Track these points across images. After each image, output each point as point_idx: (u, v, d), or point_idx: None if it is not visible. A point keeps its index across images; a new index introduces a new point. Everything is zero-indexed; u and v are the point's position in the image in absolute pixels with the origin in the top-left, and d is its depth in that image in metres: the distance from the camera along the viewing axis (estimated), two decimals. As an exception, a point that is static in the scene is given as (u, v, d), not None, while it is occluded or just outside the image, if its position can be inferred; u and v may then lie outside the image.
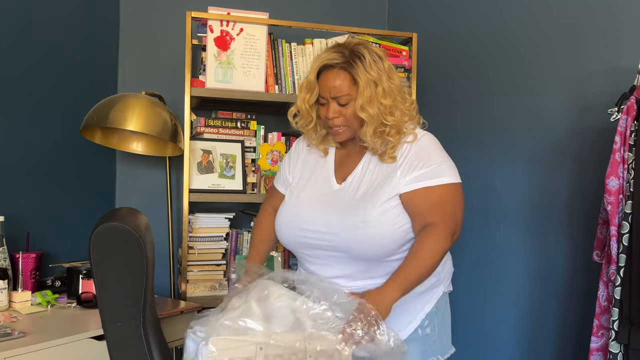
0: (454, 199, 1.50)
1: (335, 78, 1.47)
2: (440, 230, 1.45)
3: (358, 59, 1.46)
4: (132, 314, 1.31)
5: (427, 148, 1.52)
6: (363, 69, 1.45)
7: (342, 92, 1.46)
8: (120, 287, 1.31)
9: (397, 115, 1.48)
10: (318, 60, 1.50)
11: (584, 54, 2.04)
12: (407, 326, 1.55)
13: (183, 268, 2.26)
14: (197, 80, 2.27)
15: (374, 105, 1.45)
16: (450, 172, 1.50)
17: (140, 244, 1.28)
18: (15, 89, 2.19)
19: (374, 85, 1.45)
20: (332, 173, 1.59)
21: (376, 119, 1.46)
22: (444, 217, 1.46)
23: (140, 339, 1.32)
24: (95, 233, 1.26)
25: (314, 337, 1.35)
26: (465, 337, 2.41)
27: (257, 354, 1.31)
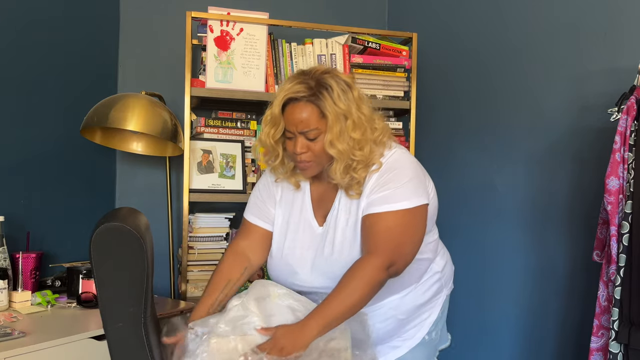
0: (403, 226, 1.37)
1: (301, 111, 1.36)
2: (374, 261, 1.32)
3: (325, 90, 1.35)
4: (133, 315, 1.31)
5: (388, 172, 1.40)
6: (331, 102, 1.34)
7: (309, 126, 1.36)
8: (121, 288, 1.31)
9: (365, 150, 1.38)
10: (282, 92, 1.38)
11: (584, 54, 2.04)
12: (414, 335, 1.55)
13: (183, 268, 2.26)
14: (197, 80, 2.26)
15: (344, 140, 1.35)
16: (410, 194, 1.37)
17: (141, 244, 1.28)
18: (15, 88, 2.19)
19: (344, 119, 1.35)
20: (311, 214, 1.49)
21: (346, 156, 1.36)
22: (383, 247, 1.34)
23: (142, 339, 1.31)
24: (96, 233, 1.25)
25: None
26: (466, 336, 2.41)
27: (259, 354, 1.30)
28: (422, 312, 1.55)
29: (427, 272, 1.55)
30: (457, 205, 2.51)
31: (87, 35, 2.49)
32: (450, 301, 1.69)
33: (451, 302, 1.69)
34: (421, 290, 1.53)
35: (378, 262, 1.32)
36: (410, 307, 1.52)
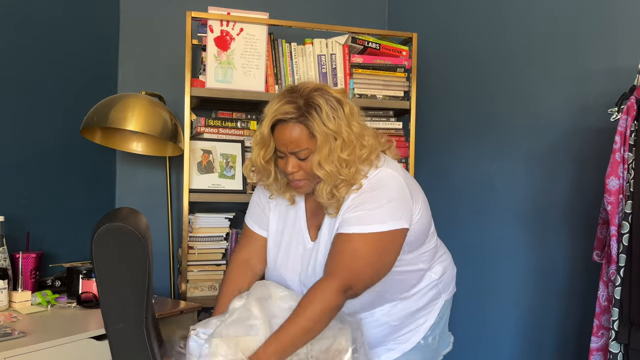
0: (369, 251, 1.33)
1: (291, 132, 1.34)
2: (331, 284, 1.30)
3: (314, 110, 1.32)
4: (135, 315, 1.30)
5: (368, 192, 1.37)
6: (320, 122, 1.32)
7: (299, 146, 1.34)
8: (122, 288, 1.30)
9: (352, 169, 1.35)
10: (271, 113, 1.35)
11: (584, 54, 2.04)
12: (409, 339, 1.54)
13: (183, 268, 2.26)
14: (197, 80, 2.26)
15: (332, 161, 1.33)
16: (386, 217, 1.34)
17: (143, 244, 1.28)
18: (15, 88, 2.19)
19: (333, 139, 1.33)
20: (305, 227, 1.49)
21: (333, 177, 1.34)
22: (343, 270, 1.32)
23: (143, 340, 1.31)
24: (97, 233, 1.25)
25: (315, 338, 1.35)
26: (466, 336, 2.41)
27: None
28: (418, 318, 1.54)
29: (422, 281, 1.53)
30: (457, 205, 2.51)
31: (87, 35, 2.49)
32: (450, 301, 1.69)
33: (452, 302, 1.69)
34: (414, 299, 1.52)
35: (334, 286, 1.29)
36: (403, 314, 1.51)
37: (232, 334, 1.32)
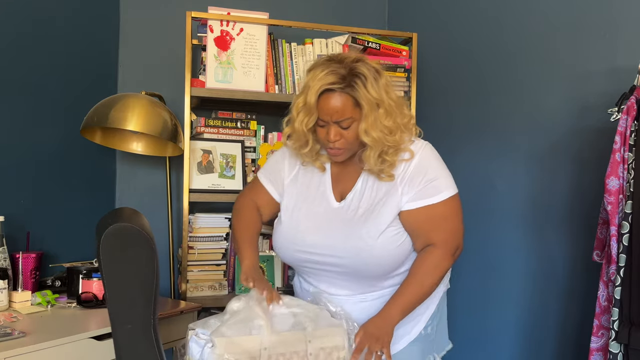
0: (454, 214, 1.49)
1: (336, 102, 1.38)
2: (442, 251, 1.46)
3: (358, 79, 1.37)
4: (143, 316, 1.30)
5: (425, 162, 1.47)
6: (365, 91, 1.37)
7: (344, 115, 1.39)
8: (130, 289, 1.30)
9: (397, 136, 1.43)
10: (316, 82, 1.38)
11: (584, 54, 2.04)
12: (412, 330, 1.56)
13: (183, 268, 2.26)
14: (197, 80, 2.26)
15: (377, 127, 1.39)
16: (449, 184, 1.48)
17: (151, 244, 1.27)
18: (16, 89, 2.19)
19: (376, 107, 1.39)
20: (329, 189, 1.54)
21: (380, 143, 1.41)
22: (445, 236, 1.46)
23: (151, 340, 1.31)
24: (105, 233, 1.24)
25: (314, 336, 1.37)
26: (466, 336, 2.41)
27: (262, 354, 1.32)
28: (420, 307, 1.55)
29: None
30: (457, 205, 2.50)
31: (87, 35, 2.49)
32: (450, 301, 1.69)
33: (451, 302, 1.69)
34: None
35: (444, 253, 1.46)
36: None
37: (236, 333, 1.32)
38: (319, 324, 1.39)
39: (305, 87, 1.43)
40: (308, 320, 1.40)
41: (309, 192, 1.55)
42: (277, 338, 1.36)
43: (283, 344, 1.35)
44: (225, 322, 1.34)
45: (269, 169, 1.65)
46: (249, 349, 1.31)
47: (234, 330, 1.33)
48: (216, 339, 1.30)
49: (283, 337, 1.36)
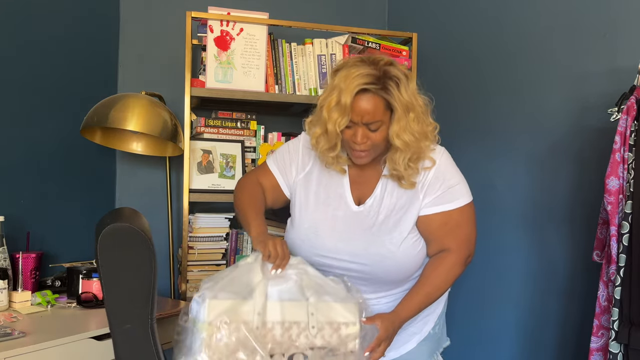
0: (469, 221, 1.50)
1: (369, 103, 1.36)
2: (455, 258, 1.47)
3: (392, 81, 1.37)
4: (141, 316, 1.30)
5: (443, 169, 1.49)
6: (399, 94, 1.36)
7: (375, 118, 1.37)
8: (129, 289, 1.30)
9: (422, 142, 1.43)
10: (352, 81, 1.35)
11: (584, 54, 2.04)
12: (422, 329, 1.58)
13: (183, 268, 2.25)
14: (197, 80, 2.26)
15: (408, 131, 1.38)
16: (465, 191, 1.50)
17: (149, 244, 1.27)
18: (16, 89, 2.19)
19: (408, 111, 1.38)
20: (348, 192, 1.51)
21: (410, 147, 1.40)
22: (459, 243, 1.47)
23: (149, 341, 1.31)
24: (103, 233, 1.24)
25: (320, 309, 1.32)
26: (466, 336, 2.41)
27: (255, 319, 1.28)
28: (431, 306, 1.57)
29: None
30: (457, 205, 2.50)
31: (87, 35, 2.49)
32: (451, 301, 1.70)
33: (451, 302, 1.70)
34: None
35: (458, 259, 1.46)
36: None
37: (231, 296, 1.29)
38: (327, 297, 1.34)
39: (336, 87, 1.38)
40: (314, 291, 1.34)
41: (327, 193, 1.52)
42: (275, 305, 1.31)
43: (280, 311, 1.30)
44: (223, 282, 1.31)
45: (279, 157, 1.61)
46: (241, 313, 1.27)
47: (230, 293, 1.30)
48: (207, 301, 1.27)
49: (282, 305, 1.31)
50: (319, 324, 1.31)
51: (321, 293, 1.34)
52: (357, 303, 1.35)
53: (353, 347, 1.32)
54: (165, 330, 1.85)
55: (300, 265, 1.39)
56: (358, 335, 1.33)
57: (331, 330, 1.31)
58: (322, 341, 1.30)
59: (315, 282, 1.37)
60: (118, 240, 1.25)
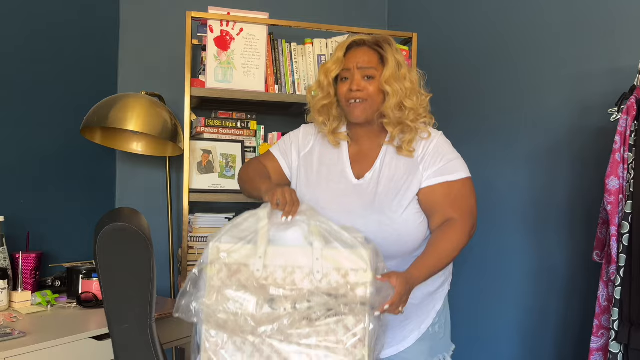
0: (471, 194, 1.54)
1: (364, 53, 1.51)
2: (461, 226, 1.47)
3: (386, 42, 1.53)
4: (139, 316, 1.30)
5: (443, 144, 1.56)
6: (391, 50, 1.51)
7: (370, 64, 1.50)
8: (127, 288, 1.30)
9: (414, 100, 1.51)
10: (346, 41, 1.54)
11: (584, 54, 2.04)
12: (420, 325, 1.58)
13: (183, 268, 2.25)
14: (197, 80, 2.26)
15: (398, 80, 1.49)
16: (464, 167, 1.55)
17: (148, 244, 1.28)
18: (16, 89, 2.19)
19: (399, 67, 1.51)
20: (348, 168, 1.57)
21: (399, 94, 1.49)
22: (463, 213, 1.49)
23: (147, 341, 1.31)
24: (102, 234, 1.24)
25: (325, 254, 1.29)
26: (466, 336, 2.41)
27: (256, 262, 1.27)
28: (429, 303, 1.58)
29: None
30: (457, 205, 2.50)
31: (87, 35, 2.49)
32: (451, 300, 1.69)
33: (451, 302, 1.70)
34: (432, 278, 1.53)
35: (464, 228, 1.47)
36: (424, 292, 1.55)
37: (231, 241, 1.29)
38: (336, 244, 1.30)
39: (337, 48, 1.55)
40: (322, 238, 1.31)
41: (329, 170, 1.59)
42: (277, 249, 1.29)
43: (283, 256, 1.28)
44: (228, 228, 1.32)
45: (281, 143, 1.70)
46: (242, 257, 1.27)
47: (233, 238, 1.30)
48: (210, 244, 1.28)
49: (285, 249, 1.30)
50: (324, 269, 1.27)
51: (330, 240, 1.31)
52: (369, 250, 1.30)
53: (363, 296, 1.25)
54: (165, 330, 1.85)
55: (310, 213, 1.37)
56: (369, 284, 1.26)
57: (338, 276, 1.27)
58: (328, 286, 1.25)
59: (324, 229, 1.33)
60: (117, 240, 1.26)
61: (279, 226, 1.34)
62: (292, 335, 1.24)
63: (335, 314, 1.25)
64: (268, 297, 1.25)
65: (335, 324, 1.25)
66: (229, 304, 1.24)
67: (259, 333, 1.24)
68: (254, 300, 1.24)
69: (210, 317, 1.25)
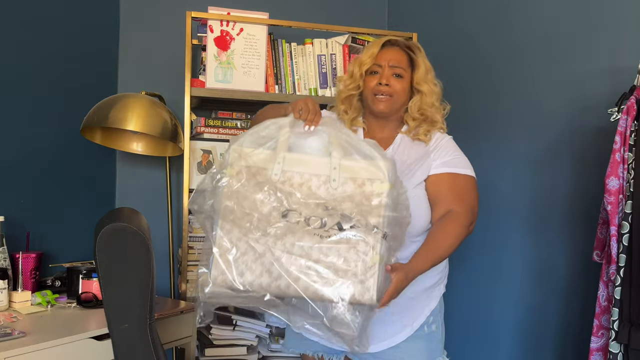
0: (474, 191, 1.58)
1: (396, 53, 1.61)
2: (462, 219, 1.50)
3: (417, 48, 1.64)
4: (139, 315, 1.30)
5: (453, 144, 1.64)
6: (422, 56, 1.62)
7: (400, 64, 1.59)
8: (127, 288, 1.30)
9: (437, 106, 1.62)
10: (381, 39, 1.63)
11: (584, 54, 2.04)
12: (413, 322, 1.57)
13: (183, 268, 2.25)
14: (197, 80, 2.26)
15: (429, 83, 1.60)
16: (471, 168, 1.61)
17: (148, 244, 1.28)
18: (16, 89, 2.19)
19: (427, 72, 1.61)
20: None
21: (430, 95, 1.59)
22: (464, 207, 1.52)
23: (147, 341, 1.31)
24: (101, 233, 1.24)
25: (343, 163, 1.31)
26: (466, 337, 2.42)
27: (274, 168, 1.30)
28: (422, 299, 1.58)
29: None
30: (457, 205, 2.50)
31: (87, 35, 2.49)
32: (450, 300, 1.69)
33: (451, 301, 1.70)
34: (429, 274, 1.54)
35: (464, 221, 1.50)
36: (420, 287, 1.55)
37: (251, 146, 1.32)
38: (356, 155, 1.32)
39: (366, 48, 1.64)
40: (341, 148, 1.33)
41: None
42: (296, 156, 1.32)
43: (302, 163, 1.31)
44: (249, 133, 1.34)
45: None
46: (260, 161, 1.30)
47: (254, 143, 1.33)
48: (231, 147, 1.31)
49: (304, 156, 1.32)
50: (341, 178, 1.29)
51: (350, 151, 1.33)
52: (388, 161, 1.32)
53: (378, 206, 1.27)
54: (165, 330, 1.85)
55: (331, 123, 1.39)
56: (385, 194, 1.28)
57: (354, 185, 1.29)
58: (344, 194, 1.28)
59: (345, 140, 1.35)
60: (116, 240, 1.26)
61: (300, 135, 1.37)
62: (302, 249, 1.25)
63: (347, 235, 1.25)
64: (283, 209, 1.27)
65: (346, 248, 1.24)
66: (245, 203, 1.27)
67: (269, 234, 1.25)
68: (269, 206, 1.27)
69: (226, 215, 1.27)
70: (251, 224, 1.26)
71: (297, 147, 1.36)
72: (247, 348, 2.21)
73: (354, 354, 1.59)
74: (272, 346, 2.26)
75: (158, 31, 2.66)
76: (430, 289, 1.59)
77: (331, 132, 1.37)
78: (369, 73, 1.61)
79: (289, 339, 1.71)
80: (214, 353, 2.18)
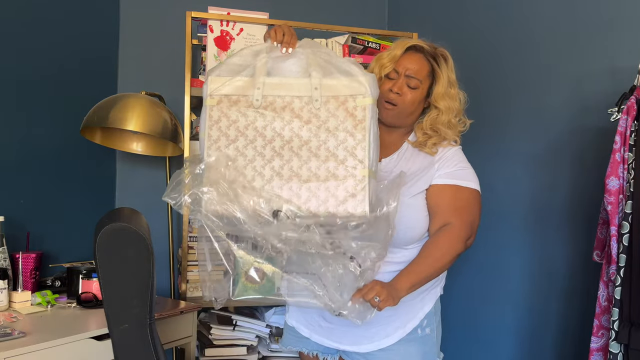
0: (476, 206, 1.55)
1: (417, 61, 1.54)
2: (458, 233, 1.48)
3: (443, 58, 1.56)
4: (139, 316, 1.30)
5: (461, 155, 1.61)
6: (446, 68, 1.55)
7: (418, 75, 1.53)
8: (126, 289, 1.30)
9: (453, 123, 1.57)
10: (406, 42, 1.56)
11: (584, 54, 2.04)
12: (406, 324, 1.56)
13: (183, 268, 2.25)
14: (197, 80, 2.26)
15: (449, 98, 1.54)
16: (476, 180, 1.57)
17: (148, 244, 1.27)
18: (16, 88, 2.19)
19: (450, 85, 1.55)
20: None
21: (450, 111, 1.54)
22: (464, 220, 1.50)
23: (147, 341, 1.31)
24: (101, 233, 1.24)
25: (324, 83, 1.30)
26: (465, 337, 2.42)
27: (255, 93, 1.29)
28: (416, 302, 1.56)
29: None
30: (457, 205, 2.50)
31: (87, 35, 2.49)
32: (450, 300, 1.69)
33: (451, 301, 1.69)
34: None
35: (460, 235, 1.48)
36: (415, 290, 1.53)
37: (229, 74, 1.32)
38: (337, 74, 1.32)
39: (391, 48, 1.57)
40: (321, 68, 1.32)
41: None
42: (276, 80, 1.30)
43: (282, 86, 1.30)
44: (226, 62, 1.33)
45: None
46: (240, 88, 1.29)
47: (231, 72, 1.32)
48: (209, 77, 1.30)
49: (284, 80, 1.31)
50: (323, 97, 1.29)
51: (330, 70, 1.32)
52: (368, 76, 1.32)
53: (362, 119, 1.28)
54: (165, 330, 1.85)
55: (309, 44, 1.38)
56: (369, 107, 1.29)
57: (337, 103, 1.29)
58: (327, 114, 1.28)
59: (324, 59, 1.34)
60: (116, 240, 1.26)
61: (278, 59, 1.35)
62: (292, 169, 1.28)
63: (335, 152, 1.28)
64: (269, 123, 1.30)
65: (334, 165, 1.28)
66: (229, 131, 1.29)
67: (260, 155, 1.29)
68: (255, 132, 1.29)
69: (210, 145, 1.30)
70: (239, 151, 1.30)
71: (276, 71, 1.34)
72: (247, 348, 2.21)
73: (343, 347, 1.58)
74: (272, 346, 2.25)
75: (158, 31, 2.66)
76: (424, 292, 1.57)
77: (309, 52, 1.35)
78: (386, 76, 1.57)
79: (286, 338, 1.72)
80: (214, 353, 2.18)
